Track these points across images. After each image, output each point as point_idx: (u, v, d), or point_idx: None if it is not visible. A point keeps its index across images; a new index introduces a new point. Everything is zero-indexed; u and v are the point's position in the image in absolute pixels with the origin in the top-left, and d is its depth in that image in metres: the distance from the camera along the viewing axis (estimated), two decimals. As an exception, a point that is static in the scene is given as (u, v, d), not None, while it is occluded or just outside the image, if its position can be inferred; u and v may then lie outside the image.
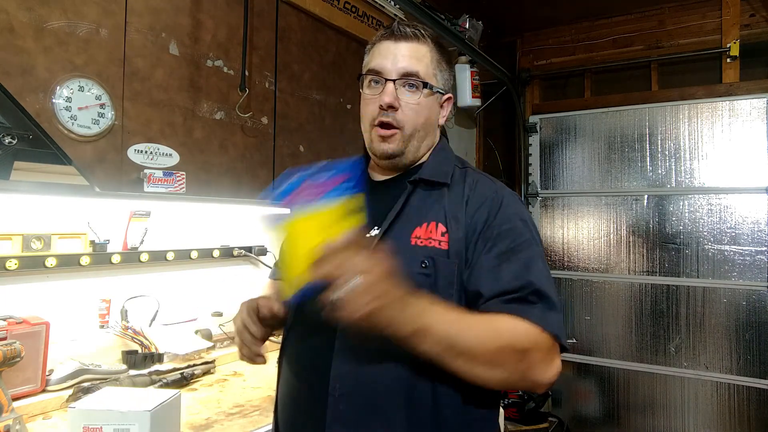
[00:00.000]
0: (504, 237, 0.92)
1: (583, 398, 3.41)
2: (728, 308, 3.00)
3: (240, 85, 1.62)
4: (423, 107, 1.01)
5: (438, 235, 0.93)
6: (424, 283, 0.90)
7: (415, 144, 1.03)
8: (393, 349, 0.84)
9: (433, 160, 1.05)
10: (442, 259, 0.91)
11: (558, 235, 3.56)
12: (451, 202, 0.97)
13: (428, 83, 1.01)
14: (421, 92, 1.00)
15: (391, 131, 1.01)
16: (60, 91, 1.19)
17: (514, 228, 0.93)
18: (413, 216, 0.97)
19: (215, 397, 1.52)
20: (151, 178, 1.35)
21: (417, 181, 1.00)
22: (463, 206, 0.95)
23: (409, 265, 0.90)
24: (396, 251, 0.89)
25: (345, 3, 2.09)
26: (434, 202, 0.98)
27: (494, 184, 1.00)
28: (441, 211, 0.96)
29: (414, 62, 1.00)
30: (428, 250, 0.92)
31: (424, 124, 1.03)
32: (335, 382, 0.89)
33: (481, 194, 0.97)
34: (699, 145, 3.11)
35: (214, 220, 2.04)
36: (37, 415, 1.31)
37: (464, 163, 1.08)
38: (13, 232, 1.43)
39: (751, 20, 3.04)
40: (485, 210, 0.94)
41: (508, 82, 3.61)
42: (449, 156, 1.08)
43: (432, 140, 1.07)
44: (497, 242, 0.91)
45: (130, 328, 1.64)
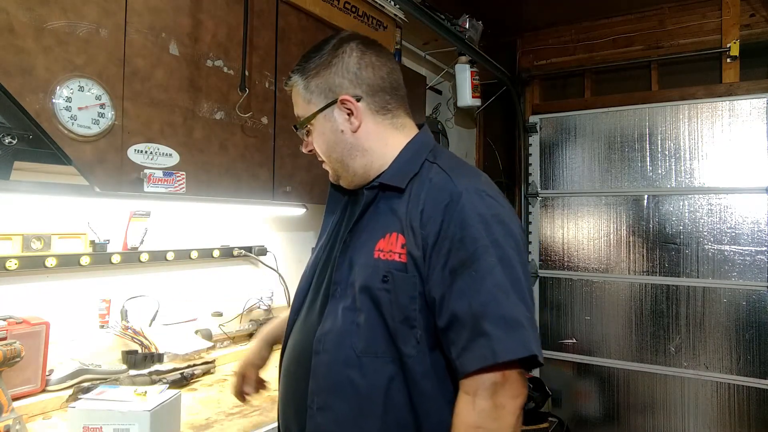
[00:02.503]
0: (456, 250, 0.86)
1: (583, 398, 3.41)
2: (728, 308, 2.99)
3: (240, 85, 1.62)
4: (316, 138, 1.02)
5: (398, 248, 0.90)
6: (384, 299, 0.89)
7: (340, 165, 1.02)
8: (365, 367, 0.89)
9: (398, 161, 0.99)
10: (400, 273, 0.89)
11: (558, 235, 3.56)
12: (412, 208, 0.91)
13: (302, 122, 1.02)
14: (305, 130, 1.04)
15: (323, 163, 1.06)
16: (60, 91, 1.19)
17: (467, 236, 0.86)
18: (379, 226, 0.94)
19: (215, 397, 1.52)
20: (151, 178, 1.35)
21: (377, 186, 0.97)
22: (418, 214, 0.90)
23: (372, 279, 0.90)
24: (362, 265, 0.93)
25: (345, 3, 2.09)
26: (397, 209, 0.94)
27: (451, 183, 0.91)
28: (400, 220, 0.92)
29: (295, 109, 1.05)
30: (389, 264, 0.90)
31: (327, 149, 1.02)
32: (313, 396, 0.93)
33: (434, 199, 0.90)
34: (699, 145, 3.11)
35: (214, 220, 2.04)
36: (37, 415, 1.31)
37: (436, 154, 0.99)
38: (13, 232, 1.43)
39: (751, 20, 3.04)
40: (438, 218, 0.88)
41: (508, 82, 3.61)
42: (420, 152, 1.00)
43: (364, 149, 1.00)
44: (450, 257, 0.86)
45: (130, 328, 1.64)
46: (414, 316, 0.88)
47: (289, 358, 1.04)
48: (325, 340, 0.93)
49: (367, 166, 1.01)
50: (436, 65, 3.41)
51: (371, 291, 0.90)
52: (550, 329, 3.54)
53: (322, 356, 0.93)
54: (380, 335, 0.89)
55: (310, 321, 0.99)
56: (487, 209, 0.89)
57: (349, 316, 0.92)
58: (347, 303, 0.93)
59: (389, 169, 0.99)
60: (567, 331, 3.47)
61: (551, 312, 3.54)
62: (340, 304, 0.93)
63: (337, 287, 0.95)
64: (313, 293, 1.03)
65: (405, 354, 0.88)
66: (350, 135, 1.00)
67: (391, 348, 0.89)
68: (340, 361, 0.91)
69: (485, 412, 0.81)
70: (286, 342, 1.08)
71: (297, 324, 1.05)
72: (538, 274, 3.60)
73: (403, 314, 0.88)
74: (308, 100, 1.00)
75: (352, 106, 0.98)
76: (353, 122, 0.99)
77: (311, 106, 1.00)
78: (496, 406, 0.81)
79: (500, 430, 0.82)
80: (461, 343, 0.84)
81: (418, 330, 0.89)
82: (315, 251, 1.10)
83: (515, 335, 0.82)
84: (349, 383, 0.90)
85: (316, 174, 1.97)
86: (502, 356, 0.80)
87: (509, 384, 0.82)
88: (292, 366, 1.02)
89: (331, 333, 0.93)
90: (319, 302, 0.99)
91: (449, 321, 0.85)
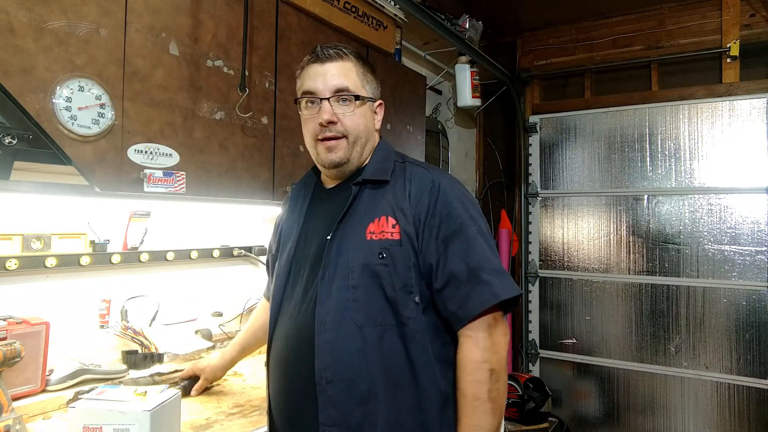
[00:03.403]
0: (444, 223, 1.05)
1: (583, 398, 3.41)
2: (728, 308, 2.99)
3: (240, 85, 1.62)
4: (359, 116, 1.13)
5: (389, 227, 1.05)
6: (384, 272, 1.03)
7: (358, 150, 1.14)
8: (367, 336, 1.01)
9: (373, 161, 1.16)
10: (396, 248, 1.04)
11: (558, 235, 3.56)
12: (396, 196, 1.08)
13: (359, 95, 1.12)
14: (354, 104, 1.12)
15: (335, 141, 1.12)
16: (60, 91, 1.19)
17: (452, 212, 1.06)
18: (365, 214, 1.08)
19: (215, 397, 1.52)
20: (151, 178, 1.35)
21: (361, 182, 1.11)
22: (406, 198, 1.07)
23: (369, 257, 1.04)
24: (354, 248, 1.05)
25: (345, 3, 2.09)
26: (381, 198, 1.09)
27: (430, 174, 1.11)
28: (388, 205, 1.08)
29: (342, 79, 1.11)
30: (383, 242, 1.05)
31: (363, 130, 1.14)
32: (321, 372, 1.01)
33: (419, 185, 1.09)
34: (699, 145, 3.11)
35: (214, 220, 2.04)
36: (37, 415, 1.31)
37: (404, 157, 1.19)
38: (13, 232, 1.43)
39: (751, 20, 3.04)
40: (426, 199, 1.06)
41: (508, 82, 3.61)
42: (389, 154, 1.18)
43: (372, 145, 1.18)
44: (441, 229, 1.04)
45: (130, 328, 1.64)
46: (411, 283, 1.04)
47: (285, 347, 1.11)
48: (325, 321, 1.03)
49: (363, 159, 1.17)
50: (436, 65, 3.41)
51: (370, 267, 1.04)
52: (550, 329, 3.54)
53: (324, 335, 1.02)
54: (379, 306, 1.03)
55: (303, 308, 1.08)
56: (460, 193, 1.10)
57: (343, 293, 1.04)
58: (339, 283, 1.05)
59: (369, 167, 1.15)
60: (567, 331, 3.47)
61: (551, 312, 3.54)
62: (333, 285, 1.05)
63: (326, 271, 1.06)
64: (302, 284, 1.12)
65: (404, 316, 1.03)
66: (374, 131, 1.19)
67: (389, 315, 1.03)
68: (343, 335, 1.02)
69: (487, 348, 1.00)
70: (271, 338, 1.16)
71: (284, 318, 1.12)
72: (538, 274, 3.60)
73: (402, 282, 1.03)
74: (362, 85, 1.14)
75: (381, 112, 1.21)
76: (378, 123, 1.20)
77: (364, 91, 1.14)
78: (494, 343, 1.01)
79: (500, 362, 1.01)
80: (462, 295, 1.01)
81: (416, 295, 1.04)
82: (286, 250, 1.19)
83: (506, 280, 1.03)
84: (355, 352, 1.01)
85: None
86: (503, 295, 1.01)
87: (500, 324, 1.03)
88: (290, 354, 1.09)
89: (330, 312, 1.03)
90: (309, 290, 1.09)
91: (446, 280, 1.03)
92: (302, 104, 1.15)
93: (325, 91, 1.10)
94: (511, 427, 2.95)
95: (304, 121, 1.15)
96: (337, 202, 1.13)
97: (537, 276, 3.59)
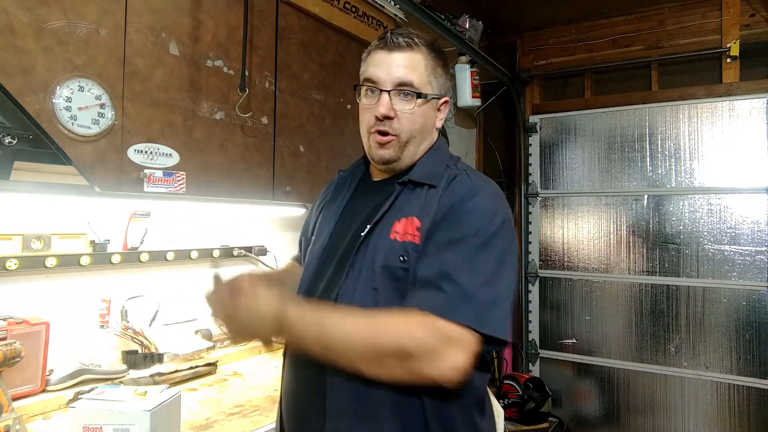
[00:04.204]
0: (455, 227, 0.94)
1: (583, 398, 3.41)
2: (728, 308, 2.99)
3: (240, 85, 1.62)
4: (418, 115, 1.05)
5: (413, 230, 0.97)
6: (404, 276, 0.95)
7: (411, 149, 1.07)
8: None
9: (425, 162, 1.07)
10: (416, 254, 0.95)
11: (558, 235, 3.56)
12: (430, 199, 1.00)
13: (422, 93, 1.04)
14: (415, 101, 1.03)
15: (388, 138, 1.05)
16: (60, 91, 1.19)
17: (471, 221, 0.94)
18: (395, 212, 1.01)
19: (215, 397, 1.52)
20: (151, 178, 1.35)
21: (406, 182, 1.03)
22: (436, 201, 0.98)
23: (391, 259, 0.96)
24: (379, 247, 0.98)
25: (345, 3, 2.09)
26: (415, 198, 1.01)
27: (470, 181, 1.00)
28: (418, 206, 0.99)
29: (408, 72, 1.02)
30: (405, 245, 0.96)
31: (420, 130, 1.06)
32: (332, 377, 0.95)
33: (452, 192, 0.99)
34: (699, 145, 3.11)
35: (214, 220, 2.04)
36: (37, 415, 1.31)
37: (456, 161, 1.09)
38: (13, 232, 1.43)
39: (751, 20, 3.04)
40: (450, 203, 0.97)
41: (508, 82, 3.61)
42: (443, 157, 1.09)
43: (429, 144, 1.10)
44: (442, 235, 0.94)
45: (130, 328, 1.64)
46: None
47: None
48: None
49: (419, 153, 1.09)
50: (436, 65, 3.41)
51: (391, 269, 0.95)
52: (550, 329, 3.54)
53: None
54: None
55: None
56: (496, 206, 0.98)
57: (365, 295, 0.96)
58: (361, 284, 0.97)
59: (419, 168, 1.06)
60: (567, 331, 3.47)
61: (551, 312, 3.54)
62: (356, 285, 0.97)
63: (350, 270, 0.99)
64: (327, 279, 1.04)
65: None
66: (433, 130, 1.11)
67: None
68: None
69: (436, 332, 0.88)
70: None
71: None
72: (538, 274, 3.60)
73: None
74: (429, 81, 1.05)
75: (446, 109, 1.11)
76: (439, 122, 1.12)
77: (430, 87, 1.05)
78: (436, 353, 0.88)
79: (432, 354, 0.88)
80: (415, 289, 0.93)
81: None
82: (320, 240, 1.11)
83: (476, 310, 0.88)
84: None
85: (316, 174, 1.97)
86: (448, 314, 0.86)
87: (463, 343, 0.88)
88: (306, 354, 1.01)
89: None
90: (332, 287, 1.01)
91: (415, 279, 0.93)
92: (362, 91, 1.07)
93: (387, 82, 1.02)
94: (511, 427, 2.95)
95: (362, 110, 1.08)
96: (379, 198, 1.05)
97: (537, 276, 3.59)
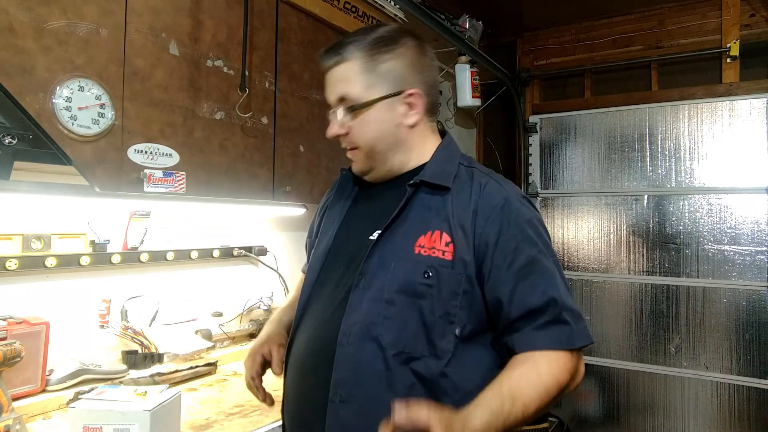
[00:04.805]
0: (521, 249, 0.92)
1: (583, 398, 3.41)
2: (728, 308, 2.99)
3: (240, 85, 1.62)
4: (367, 123, 0.98)
5: (442, 245, 0.92)
6: (426, 293, 0.90)
7: (380, 157, 1.02)
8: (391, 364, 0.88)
9: (434, 161, 1.02)
10: (445, 270, 0.91)
11: (558, 235, 3.55)
12: (457, 208, 0.94)
13: (355, 105, 0.98)
14: (356, 112, 0.98)
15: (353, 152, 1.02)
16: (60, 91, 1.19)
17: (528, 238, 0.93)
18: (417, 223, 0.95)
19: (215, 397, 1.52)
20: (151, 178, 1.35)
21: (418, 183, 0.98)
22: (470, 215, 0.93)
23: (412, 274, 0.91)
24: (399, 259, 0.93)
25: (345, 3, 2.09)
26: (439, 208, 0.96)
27: (503, 189, 0.97)
28: (446, 219, 0.94)
29: (341, 86, 0.99)
30: (432, 260, 0.91)
31: (377, 137, 0.99)
32: (335, 388, 0.91)
33: (489, 202, 0.94)
34: (699, 145, 3.11)
35: (214, 220, 2.04)
36: (37, 415, 1.31)
37: (471, 161, 1.04)
38: (13, 232, 1.43)
39: (751, 20, 3.04)
40: (497, 220, 0.92)
41: (508, 82, 3.61)
42: (453, 155, 1.04)
43: (408, 144, 1.02)
44: (516, 256, 0.91)
45: (130, 328, 1.64)
46: (455, 312, 0.91)
47: (306, 351, 1.00)
48: (350, 332, 0.92)
49: (404, 162, 1.03)
50: (436, 65, 3.41)
51: (412, 285, 0.91)
52: (550, 329, 3.53)
53: (347, 348, 0.91)
54: (413, 330, 0.90)
55: (330, 312, 0.97)
56: (533, 213, 0.97)
57: (376, 307, 0.92)
58: (374, 294, 0.92)
59: (428, 169, 1.00)
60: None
61: (551, 312, 3.53)
62: (366, 295, 0.93)
63: (362, 278, 0.94)
64: (333, 283, 1.01)
65: (439, 348, 0.90)
66: (404, 129, 1.01)
67: (421, 342, 0.90)
68: (367, 353, 0.90)
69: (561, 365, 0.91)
70: (294, 336, 1.05)
71: (310, 316, 1.02)
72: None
73: (443, 309, 0.90)
74: (369, 84, 0.97)
75: (419, 101, 1.00)
76: (412, 117, 1.00)
77: (372, 91, 0.97)
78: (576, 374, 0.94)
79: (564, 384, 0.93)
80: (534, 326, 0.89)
81: (457, 326, 0.91)
82: (323, 242, 1.08)
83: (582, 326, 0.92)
84: (376, 374, 0.89)
85: (316, 174, 1.97)
86: (578, 342, 0.91)
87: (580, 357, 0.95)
88: (309, 359, 0.98)
89: (357, 324, 0.92)
90: (340, 293, 0.97)
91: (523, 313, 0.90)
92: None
93: (332, 101, 1.01)
94: (511, 427, 2.95)
95: None
96: (386, 201, 1.00)
97: (537, 276, 3.59)
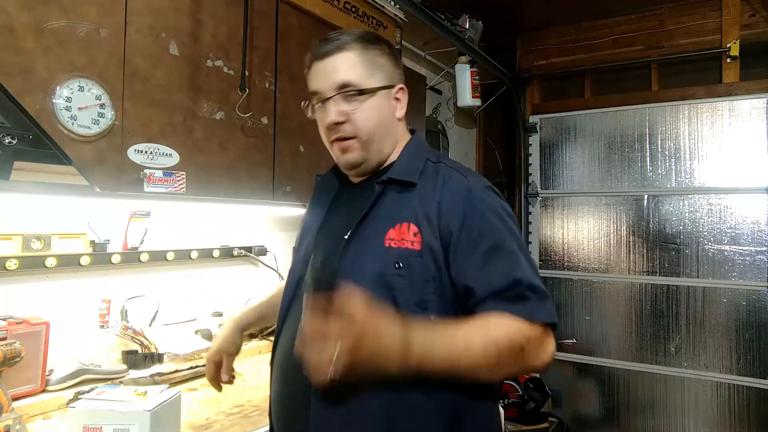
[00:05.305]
0: (484, 235, 0.94)
1: (583, 398, 3.41)
2: (728, 308, 2.99)
3: (240, 85, 1.62)
4: (369, 111, 1.01)
5: (410, 236, 0.95)
6: (399, 284, 0.93)
7: (376, 146, 1.05)
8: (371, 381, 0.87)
9: (402, 159, 1.06)
10: (415, 259, 0.94)
11: (558, 235, 3.56)
12: (423, 201, 0.98)
13: (364, 89, 1.00)
14: (360, 99, 1.01)
15: (349, 142, 1.03)
16: (60, 91, 1.19)
17: (491, 225, 0.96)
18: (386, 217, 0.99)
19: (215, 397, 1.52)
20: (151, 178, 1.35)
21: (386, 181, 1.01)
22: (435, 205, 0.96)
23: (384, 266, 0.94)
24: (370, 253, 0.96)
25: (345, 3, 2.09)
26: (406, 202, 0.99)
27: (466, 180, 1.00)
28: (412, 211, 0.97)
29: (344, 72, 1.00)
30: (402, 251, 0.95)
31: (378, 125, 1.03)
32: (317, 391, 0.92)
33: (453, 193, 0.98)
34: (699, 145, 3.11)
35: (214, 220, 2.04)
36: (37, 415, 1.31)
37: (438, 156, 1.07)
38: (13, 232, 1.43)
39: (751, 20, 3.04)
40: (460, 210, 0.95)
41: (508, 82, 3.61)
42: (421, 151, 1.08)
43: (395, 137, 1.08)
44: (479, 242, 0.94)
45: (130, 328, 1.64)
46: (428, 299, 0.94)
47: (289, 350, 1.00)
48: None
49: (385, 154, 1.07)
50: (436, 65, 3.41)
51: (385, 277, 0.94)
52: (550, 329, 3.54)
53: None
54: None
55: None
56: (497, 202, 1.00)
57: None
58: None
59: (397, 165, 1.04)
60: (567, 331, 3.47)
61: (551, 312, 3.53)
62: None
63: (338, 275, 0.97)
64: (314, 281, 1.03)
65: None
66: (395, 121, 1.07)
67: None
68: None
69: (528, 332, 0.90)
70: (278, 335, 1.08)
71: (294, 316, 1.04)
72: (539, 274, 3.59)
73: (417, 296, 0.93)
74: (370, 73, 1.02)
75: (404, 97, 1.07)
76: (399, 111, 1.07)
77: (373, 80, 1.02)
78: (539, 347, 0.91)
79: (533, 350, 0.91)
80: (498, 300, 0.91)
81: (431, 313, 0.93)
82: (303, 244, 1.12)
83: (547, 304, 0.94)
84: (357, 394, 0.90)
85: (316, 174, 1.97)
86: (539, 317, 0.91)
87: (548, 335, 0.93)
88: (293, 358, 0.98)
89: None
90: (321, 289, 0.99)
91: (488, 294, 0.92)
92: (313, 107, 1.07)
93: (327, 90, 1.01)
94: (511, 427, 2.95)
95: (319, 124, 1.08)
96: (360, 201, 1.03)
97: (537, 276, 3.59)
